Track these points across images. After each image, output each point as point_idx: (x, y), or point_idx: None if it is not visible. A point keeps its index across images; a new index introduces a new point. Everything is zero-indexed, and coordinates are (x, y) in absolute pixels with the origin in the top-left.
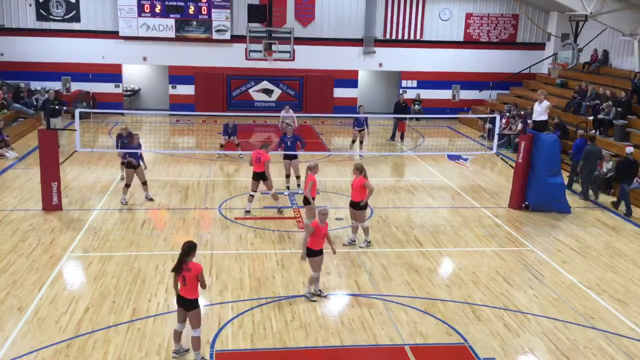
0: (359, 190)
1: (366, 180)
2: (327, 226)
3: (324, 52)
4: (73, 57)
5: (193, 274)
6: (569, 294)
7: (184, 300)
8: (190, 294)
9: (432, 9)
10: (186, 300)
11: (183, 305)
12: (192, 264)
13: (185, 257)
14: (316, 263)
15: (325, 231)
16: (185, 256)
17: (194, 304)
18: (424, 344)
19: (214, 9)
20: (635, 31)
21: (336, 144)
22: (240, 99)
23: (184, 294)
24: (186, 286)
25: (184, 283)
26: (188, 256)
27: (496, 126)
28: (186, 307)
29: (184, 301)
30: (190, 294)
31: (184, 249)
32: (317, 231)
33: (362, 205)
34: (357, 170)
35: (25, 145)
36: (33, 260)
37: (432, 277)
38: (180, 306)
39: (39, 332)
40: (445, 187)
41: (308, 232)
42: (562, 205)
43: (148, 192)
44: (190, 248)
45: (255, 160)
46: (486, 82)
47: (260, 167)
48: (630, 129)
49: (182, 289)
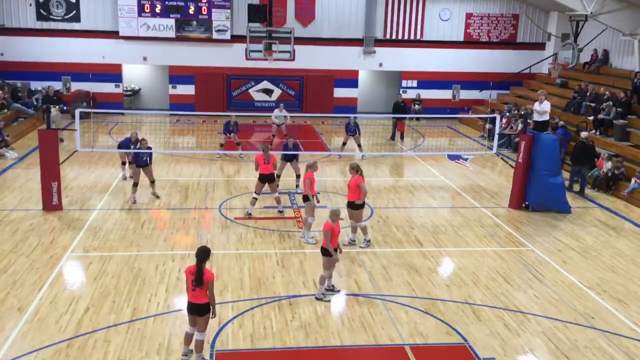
0: (355, 190)
1: (362, 180)
2: (339, 225)
3: (324, 52)
4: (73, 57)
5: (205, 281)
6: (569, 294)
7: (195, 307)
8: (201, 299)
9: (432, 9)
10: (197, 306)
11: (195, 312)
12: (206, 271)
13: (203, 264)
14: (329, 262)
15: (339, 230)
16: (203, 263)
17: (205, 309)
18: (424, 344)
19: (214, 9)
20: (635, 31)
21: (336, 144)
22: (241, 99)
23: (194, 300)
24: (196, 292)
25: (194, 288)
26: (204, 262)
27: (496, 126)
28: (198, 313)
29: (195, 307)
30: (201, 299)
31: (201, 255)
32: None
33: (357, 205)
34: (352, 169)
35: (25, 145)
36: (33, 260)
37: (432, 277)
38: (191, 313)
39: (39, 332)
40: (445, 187)
41: (327, 237)
42: (562, 205)
43: (155, 191)
44: (207, 253)
45: (264, 162)
46: (486, 82)
47: (269, 169)
48: (630, 129)
49: (192, 294)
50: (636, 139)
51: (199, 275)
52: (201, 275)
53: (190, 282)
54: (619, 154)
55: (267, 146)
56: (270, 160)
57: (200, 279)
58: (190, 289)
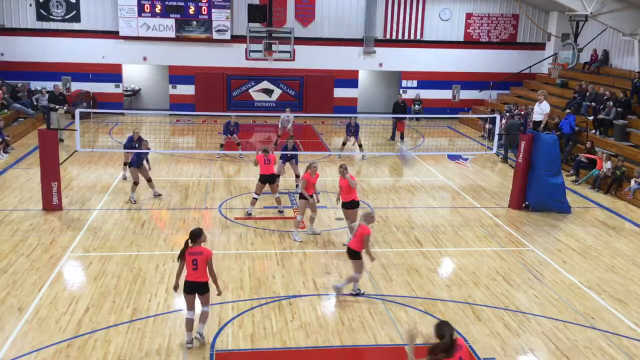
0: (347, 190)
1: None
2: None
3: (324, 52)
4: (73, 57)
5: (204, 258)
6: (569, 294)
7: (195, 285)
8: (201, 278)
9: (432, 9)
10: (198, 284)
11: (195, 290)
12: (204, 249)
13: (192, 241)
14: (360, 265)
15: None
16: (192, 241)
17: (206, 287)
18: (424, 344)
19: (214, 9)
20: (635, 31)
21: (336, 144)
22: (241, 99)
23: (195, 278)
24: (197, 270)
25: (195, 267)
26: (194, 241)
27: (496, 126)
28: (199, 291)
29: (196, 285)
30: (201, 277)
31: (190, 234)
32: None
33: (351, 205)
34: (342, 169)
35: (25, 145)
36: (33, 260)
37: (432, 277)
38: (190, 293)
39: (39, 332)
40: (445, 187)
41: (365, 241)
42: (562, 205)
43: (155, 189)
44: (196, 234)
45: (264, 162)
46: (486, 82)
47: (270, 169)
48: (630, 129)
49: (193, 273)
50: (636, 139)
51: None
52: (185, 248)
53: (191, 261)
54: (619, 154)
55: (268, 147)
56: (271, 160)
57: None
58: (191, 268)
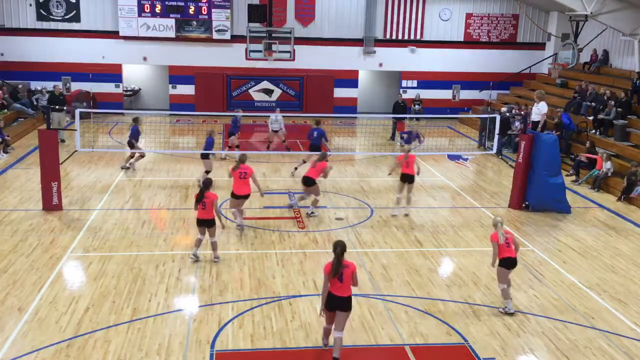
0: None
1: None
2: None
3: (324, 52)
4: (73, 57)
5: (210, 200)
6: (569, 294)
7: (205, 221)
8: (209, 215)
9: (432, 9)
10: (207, 220)
11: (204, 225)
12: (210, 193)
13: (206, 189)
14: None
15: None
16: (206, 189)
17: (213, 222)
18: (424, 344)
19: (214, 9)
20: (635, 31)
21: (336, 144)
22: (241, 99)
23: (204, 216)
24: (205, 210)
25: (204, 207)
26: (208, 189)
27: (496, 126)
28: (207, 225)
29: (205, 221)
30: (209, 215)
31: (204, 183)
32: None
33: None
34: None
35: (25, 145)
36: (33, 260)
37: (432, 277)
38: (202, 226)
39: (39, 332)
40: (445, 187)
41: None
42: (562, 205)
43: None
44: (209, 184)
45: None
46: (486, 82)
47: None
48: (630, 129)
49: (202, 212)
50: (636, 139)
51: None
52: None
53: (201, 204)
54: (619, 154)
55: (245, 157)
56: (247, 174)
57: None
58: (201, 208)
